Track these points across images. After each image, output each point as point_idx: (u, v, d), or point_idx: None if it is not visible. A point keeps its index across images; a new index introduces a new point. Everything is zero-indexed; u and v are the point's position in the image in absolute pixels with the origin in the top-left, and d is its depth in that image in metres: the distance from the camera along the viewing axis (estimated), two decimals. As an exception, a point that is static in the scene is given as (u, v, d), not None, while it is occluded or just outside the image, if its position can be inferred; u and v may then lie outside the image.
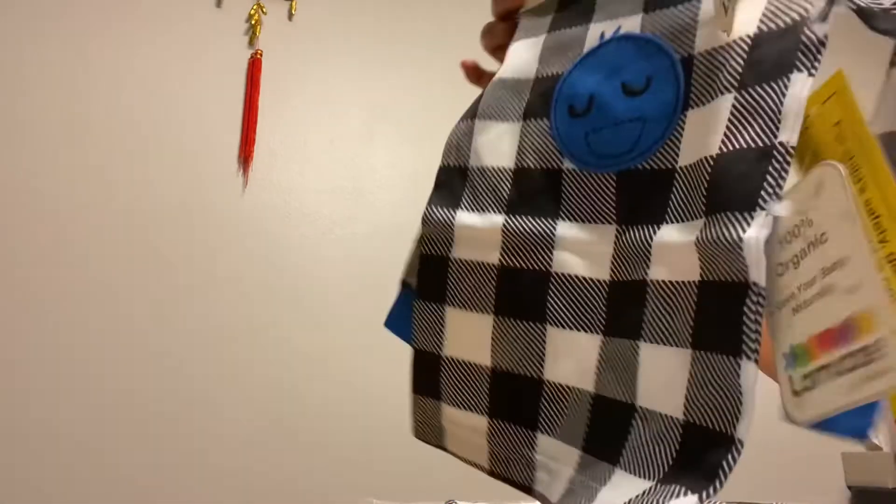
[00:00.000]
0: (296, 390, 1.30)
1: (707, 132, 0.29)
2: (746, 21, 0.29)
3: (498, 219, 0.37)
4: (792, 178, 0.27)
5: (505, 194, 0.37)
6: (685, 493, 0.26)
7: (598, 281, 0.33)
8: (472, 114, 0.41)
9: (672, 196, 0.30)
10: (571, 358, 0.33)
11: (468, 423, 0.39)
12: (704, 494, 0.26)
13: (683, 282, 0.29)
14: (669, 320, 0.29)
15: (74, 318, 1.21)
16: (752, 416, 0.26)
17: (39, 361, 1.18)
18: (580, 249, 0.34)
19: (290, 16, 1.46)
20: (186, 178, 1.32)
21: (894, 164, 0.28)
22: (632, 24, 0.34)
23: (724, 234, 0.26)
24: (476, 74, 0.50)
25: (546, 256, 0.35)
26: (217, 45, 1.39)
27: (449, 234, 0.40)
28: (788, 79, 0.27)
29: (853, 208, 0.25)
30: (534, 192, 0.36)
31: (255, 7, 1.42)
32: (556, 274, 0.34)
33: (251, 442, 1.26)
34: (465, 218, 0.39)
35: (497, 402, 0.37)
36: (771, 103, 0.27)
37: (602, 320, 0.32)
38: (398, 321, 0.42)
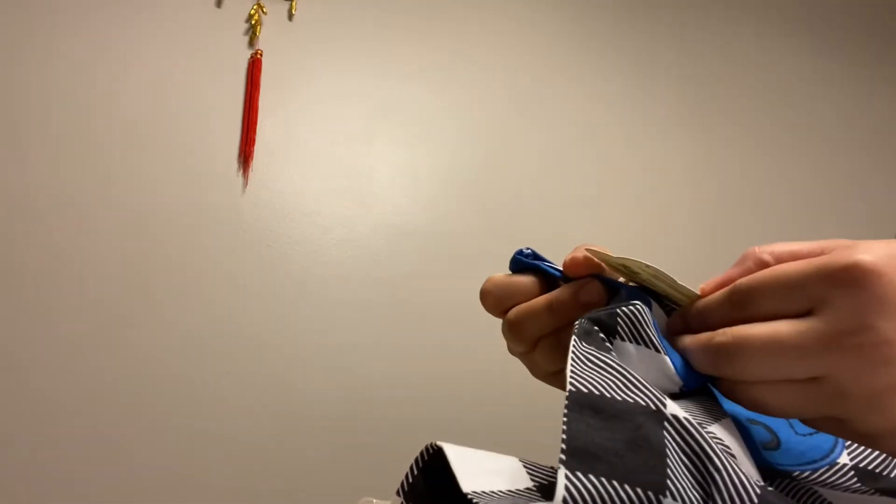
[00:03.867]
0: (295, 390, 1.30)
1: None
2: None
3: None
4: None
5: None
6: None
7: None
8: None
9: None
10: None
11: None
12: None
13: None
14: None
15: (72, 318, 1.21)
16: None
17: (37, 360, 1.18)
18: None
19: (290, 16, 1.46)
20: (186, 178, 1.32)
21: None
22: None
23: None
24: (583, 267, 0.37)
25: None
26: (217, 45, 1.39)
27: None
28: None
29: None
30: None
31: (255, 7, 1.42)
32: None
33: (250, 441, 1.26)
34: None
35: None
36: None
37: None
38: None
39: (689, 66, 1.79)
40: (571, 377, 0.29)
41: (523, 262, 0.39)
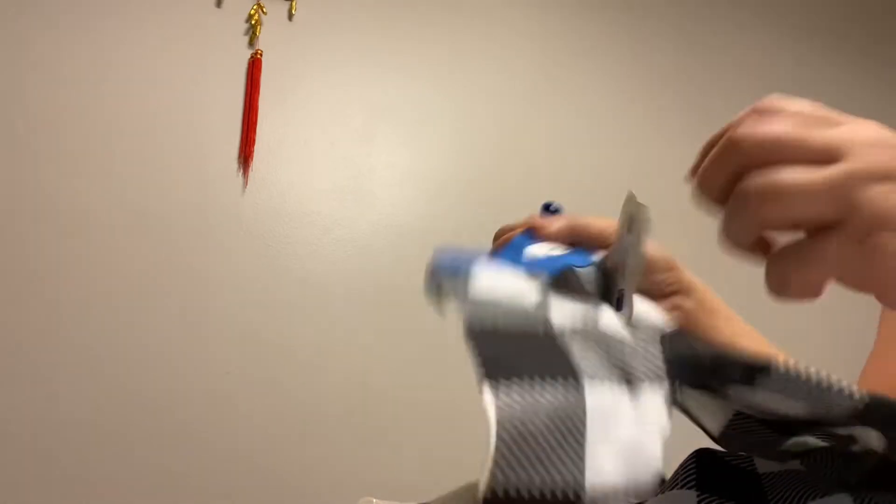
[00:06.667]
0: (295, 390, 1.30)
1: None
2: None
3: None
4: None
5: None
6: None
7: None
8: None
9: None
10: None
11: None
12: None
13: None
14: None
15: (73, 318, 1.21)
16: None
17: (38, 360, 1.18)
18: None
19: (290, 16, 1.46)
20: (186, 178, 1.32)
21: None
22: None
23: None
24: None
25: None
26: (217, 45, 1.39)
27: None
28: None
29: None
30: None
31: (255, 7, 1.42)
32: None
33: (250, 442, 1.26)
34: None
35: None
36: None
37: None
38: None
39: (691, 67, 1.79)
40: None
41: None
